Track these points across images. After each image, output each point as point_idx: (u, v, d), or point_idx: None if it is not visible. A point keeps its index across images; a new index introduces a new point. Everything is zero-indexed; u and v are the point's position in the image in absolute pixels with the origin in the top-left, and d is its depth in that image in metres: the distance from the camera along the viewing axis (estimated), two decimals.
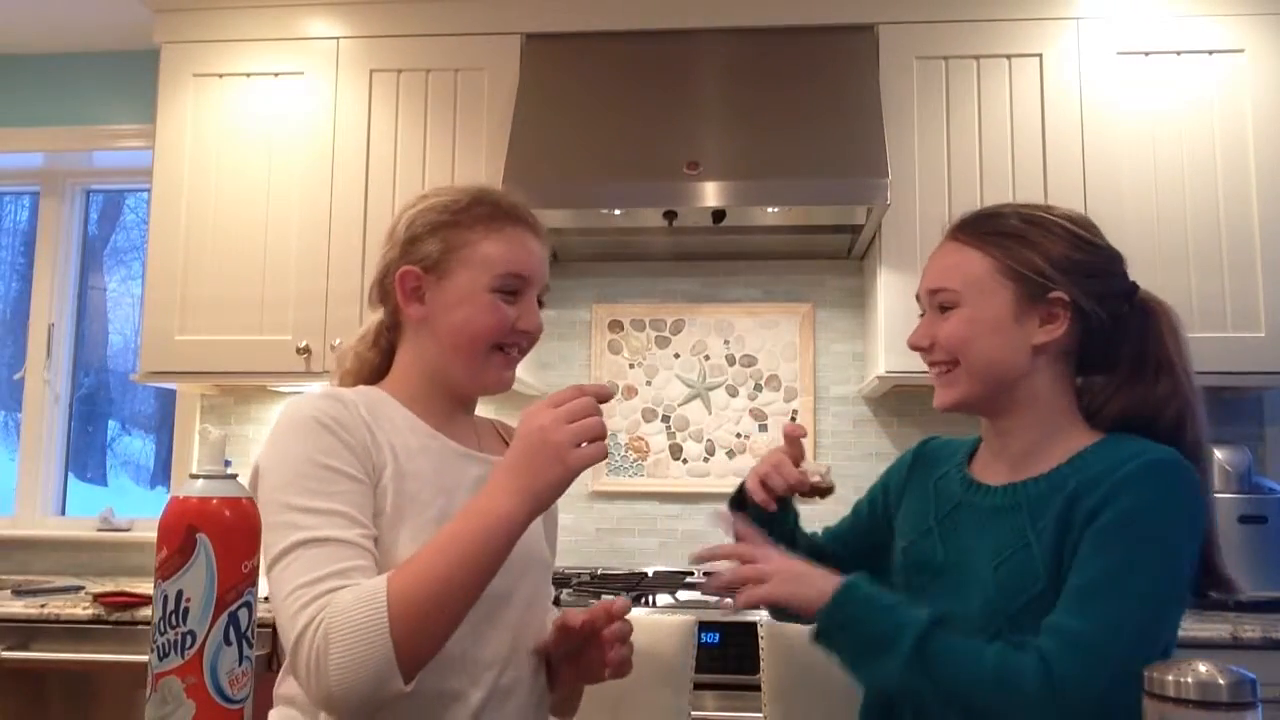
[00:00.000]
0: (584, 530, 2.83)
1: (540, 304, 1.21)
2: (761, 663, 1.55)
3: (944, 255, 1.20)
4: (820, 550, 1.33)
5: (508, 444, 1.19)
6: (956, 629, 1.04)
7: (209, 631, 0.74)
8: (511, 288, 1.16)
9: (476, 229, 1.16)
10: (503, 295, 1.15)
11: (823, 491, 1.23)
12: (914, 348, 1.21)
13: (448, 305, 1.15)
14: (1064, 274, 1.12)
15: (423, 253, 1.17)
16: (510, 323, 1.15)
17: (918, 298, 1.24)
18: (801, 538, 1.33)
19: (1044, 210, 1.18)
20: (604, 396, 1.00)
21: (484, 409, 1.26)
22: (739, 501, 1.31)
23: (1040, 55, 2.48)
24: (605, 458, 0.99)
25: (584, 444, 0.97)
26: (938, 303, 1.18)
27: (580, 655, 1.18)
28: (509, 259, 1.15)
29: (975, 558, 1.14)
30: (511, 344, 1.17)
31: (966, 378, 1.15)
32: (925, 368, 1.22)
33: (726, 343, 2.86)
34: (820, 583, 1.08)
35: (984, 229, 1.18)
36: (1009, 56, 2.50)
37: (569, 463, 0.96)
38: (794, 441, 1.26)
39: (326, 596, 0.95)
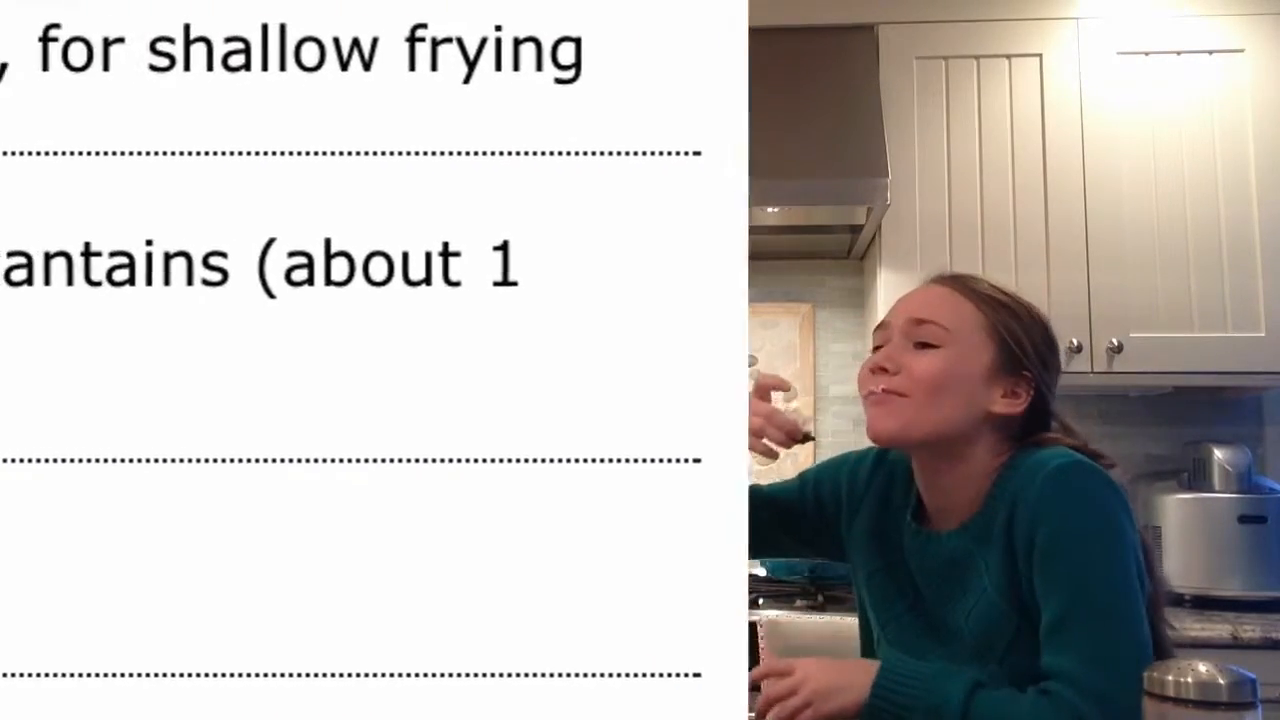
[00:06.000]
0: None
1: None
2: (761, 661, 1.55)
3: (934, 294, 1.17)
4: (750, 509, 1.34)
5: None
6: (993, 686, 1.03)
7: None
8: None
9: None
10: None
11: (809, 438, 1.19)
12: (876, 369, 1.15)
13: None
14: (1038, 359, 1.13)
15: None
16: None
17: (880, 326, 1.19)
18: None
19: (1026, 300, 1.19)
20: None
21: None
22: None
23: (1040, 55, 2.48)
24: None
25: None
26: (920, 335, 1.13)
27: None
28: None
29: (943, 608, 1.14)
30: None
31: (914, 412, 1.11)
32: None
33: None
34: (855, 679, 1.03)
35: (977, 287, 1.16)
36: (1009, 56, 2.50)
37: None
38: (765, 392, 1.23)
39: None
